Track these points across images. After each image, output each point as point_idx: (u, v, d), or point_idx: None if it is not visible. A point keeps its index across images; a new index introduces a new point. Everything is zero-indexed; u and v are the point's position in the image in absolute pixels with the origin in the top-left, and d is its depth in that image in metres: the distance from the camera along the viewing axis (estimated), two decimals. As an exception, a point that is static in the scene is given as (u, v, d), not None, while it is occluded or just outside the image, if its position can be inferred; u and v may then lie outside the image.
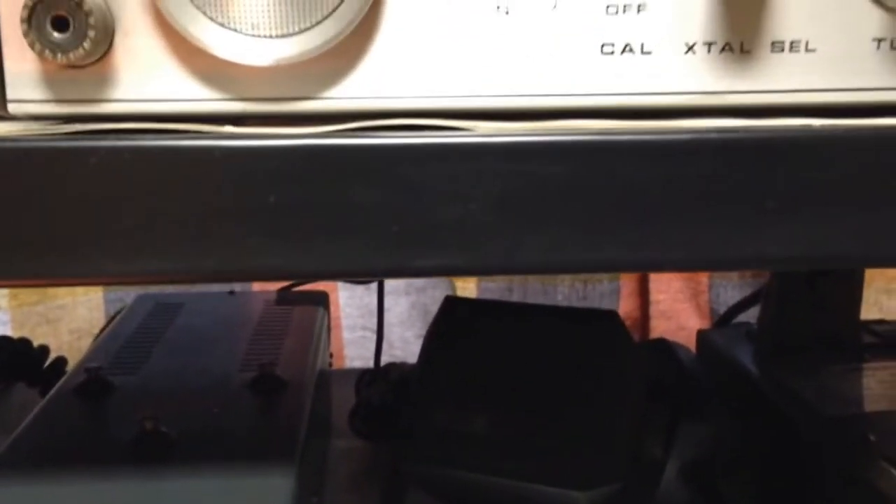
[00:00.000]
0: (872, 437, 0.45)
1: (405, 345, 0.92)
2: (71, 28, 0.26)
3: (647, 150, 0.27)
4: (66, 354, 0.67)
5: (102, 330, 0.63)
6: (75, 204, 0.26)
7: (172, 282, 0.29)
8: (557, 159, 0.27)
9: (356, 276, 0.29)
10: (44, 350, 0.67)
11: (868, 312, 0.67)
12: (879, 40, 0.29)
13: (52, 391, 0.48)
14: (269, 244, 0.27)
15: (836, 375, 0.54)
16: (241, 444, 0.41)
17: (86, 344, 0.78)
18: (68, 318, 0.87)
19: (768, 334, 0.59)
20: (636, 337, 0.88)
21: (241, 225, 0.26)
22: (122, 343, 0.55)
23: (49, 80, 0.27)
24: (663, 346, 0.58)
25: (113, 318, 0.64)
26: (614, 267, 0.28)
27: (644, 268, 0.29)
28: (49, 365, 0.65)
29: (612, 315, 0.49)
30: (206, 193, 0.26)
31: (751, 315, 0.66)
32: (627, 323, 0.93)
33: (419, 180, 0.27)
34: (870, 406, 0.50)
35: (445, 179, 0.27)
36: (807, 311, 0.58)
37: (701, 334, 0.63)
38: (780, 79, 0.29)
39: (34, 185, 0.25)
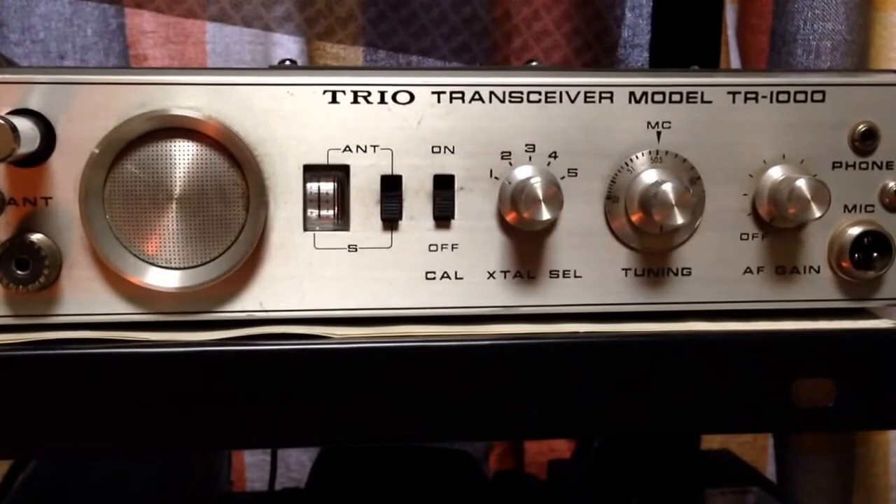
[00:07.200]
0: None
1: (302, 468, 0.99)
2: (30, 267, 0.35)
3: (457, 350, 0.38)
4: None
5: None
6: (27, 395, 0.35)
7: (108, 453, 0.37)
8: (388, 359, 0.37)
9: (252, 447, 0.38)
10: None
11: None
12: (627, 269, 0.40)
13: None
14: (177, 423, 0.36)
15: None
16: None
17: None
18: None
19: (607, 465, 0.69)
20: (508, 458, 0.97)
21: (160, 410, 0.36)
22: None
23: (11, 301, 0.37)
24: (516, 478, 0.67)
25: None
26: (429, 438, 0.38)
27: (453, 439, 0.39)
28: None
29: (464, 455, 0.58)
30: (133, 387, 0.36)
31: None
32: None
33: (292, 377, 0.37)
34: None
35: (312, 374, 0.37)
36: (643, 443, 0.67)
37: (551, 465, 0.73)
38: (556, 297, 0.40)
39: None
